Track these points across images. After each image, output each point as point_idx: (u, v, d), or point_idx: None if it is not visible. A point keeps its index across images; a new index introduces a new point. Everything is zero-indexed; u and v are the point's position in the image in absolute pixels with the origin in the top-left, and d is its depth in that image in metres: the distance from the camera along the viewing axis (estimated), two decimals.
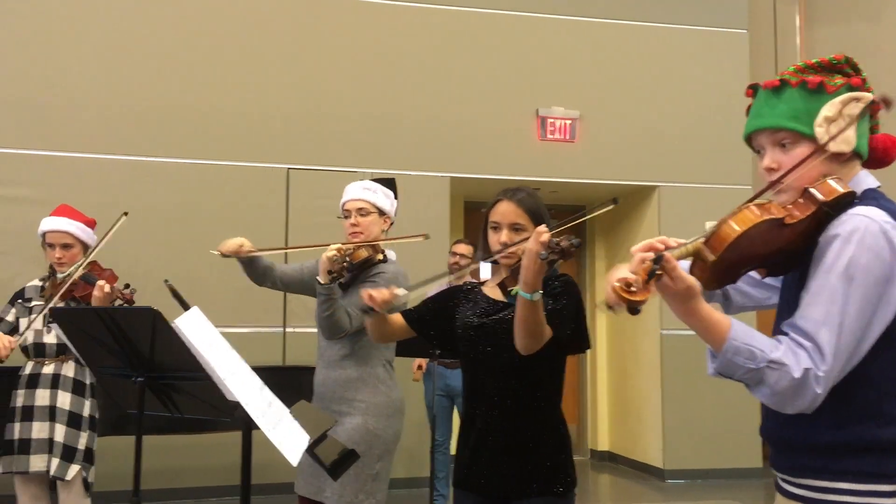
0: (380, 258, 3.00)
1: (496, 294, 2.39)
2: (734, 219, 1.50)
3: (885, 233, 1.49)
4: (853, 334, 1.47)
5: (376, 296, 2.22)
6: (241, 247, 3.17)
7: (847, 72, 1.64)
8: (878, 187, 1.63)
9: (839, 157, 1.61)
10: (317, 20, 6.44)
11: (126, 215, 3.60)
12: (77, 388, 3.63)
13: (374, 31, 6.54)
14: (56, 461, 3.51)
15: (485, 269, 2.33)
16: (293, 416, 1.89)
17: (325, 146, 6.30)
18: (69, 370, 3.63)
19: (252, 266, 3.22)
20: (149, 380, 2.36)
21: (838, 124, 1.58)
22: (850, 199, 1.55)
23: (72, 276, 3.57)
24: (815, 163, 1.59)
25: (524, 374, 2.28)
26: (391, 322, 2.44)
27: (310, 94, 6.34)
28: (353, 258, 2.89)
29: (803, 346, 1.47)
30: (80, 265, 3.61)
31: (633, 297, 1.39)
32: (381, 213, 3.05)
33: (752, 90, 1.71)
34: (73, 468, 3.54)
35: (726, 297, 1.92)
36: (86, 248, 3.73)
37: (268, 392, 1.87)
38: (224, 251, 3.18)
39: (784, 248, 1.56)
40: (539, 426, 2.29)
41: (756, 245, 1.52)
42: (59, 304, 3.53)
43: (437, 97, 6.57)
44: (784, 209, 1.55)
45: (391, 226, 3.14)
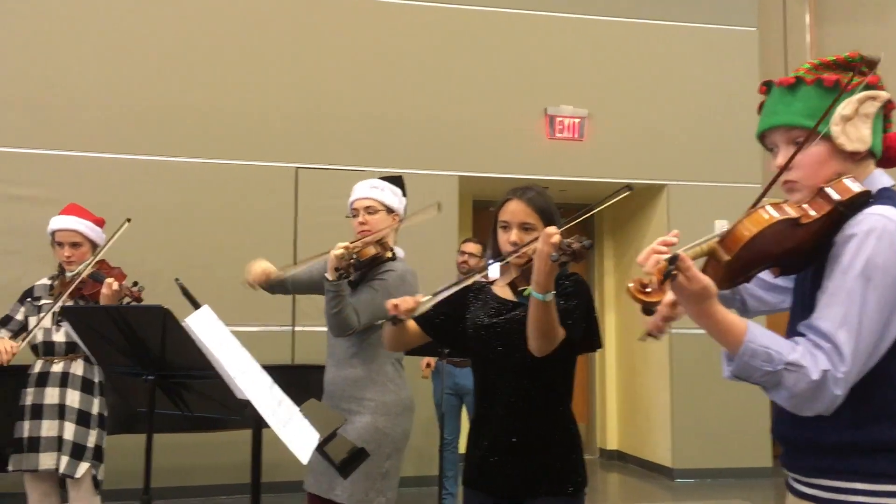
0: (388, 256, 3.00)
1: (506, 294, 2.38)
2: (749, 219, 1.49)
3: None
4: (872, 335, 1.45)
5: (400, 304, 2.21)
6: (268, 274, 3.15)
7: (863, 70, 1.62)
8: (893, 186, 1.61)
9: (854, 157, 1.59)
10: (326, 19, 6.45)
11: (129, 221, 3.62)
12: (86, 387, 3.65)
13: (383, 31, 6.54)
14: (66, 459, 3.52)
15: (494, 269, 2.32)
16: (303, 415, 1.89)
17: (334, 145, 6.31)
18: (78, 368, 3.65)
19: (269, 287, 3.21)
20: (159, 378, 2.36)
21: (854, 123, 1.57)
22: (866, 199, 1.54)
23: (80, 275, 3.58)
24: (830, 162, 1.58)
25: (535, 373, 2.27)
26: (409, 329, 2.43)
27: (318, 93, 6.35)
28: (360, 255, 2.88)
29: (821, 347, 1.45)
30: (88, 264, 3.63)
31: (649, 298, 1.38)
32: (390, 210, 3.05)
33: (766, 87, 1.70)
34: (83, 466, 3.56)
35: (743, 304, 1.91)
36: (94, 246, 3.75)
37: (278, 390, 1.87)
38: (252, 282, 3.15)
39: (798, 247, 1.55)
40: (550, 426, 2.28)
41: (771, 244, 1.51)
42: (68, 303, 3.55)
43: (446, 96, 6.57)
44: (799, 208, 1.54)
45: (400, 223, 3.15)
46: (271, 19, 6.37)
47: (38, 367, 3.66)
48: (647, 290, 1.39)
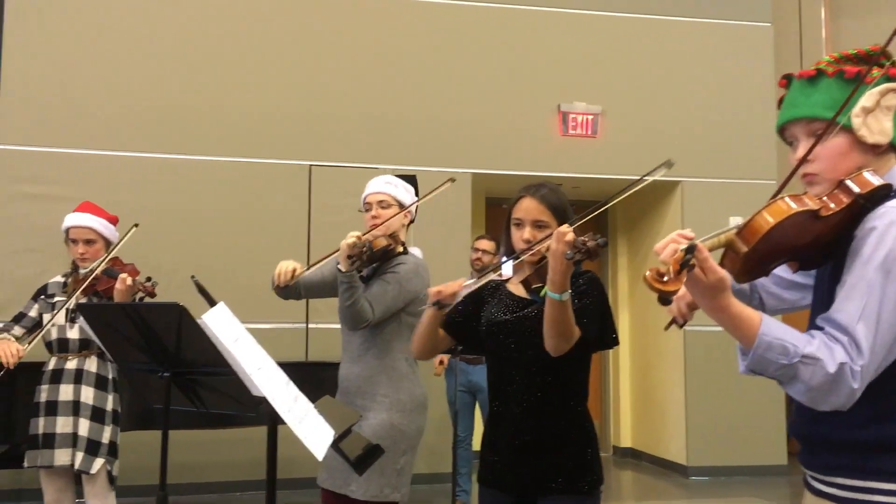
0: (399, 250, 3.01)
1: (520, 291, 2.38)
2: (768, 210, 1.47)
3: None
4: (891, 328, 1.43)
5: (443, 289, 2.18)
6: (294, 272, 3.07)
7: (883, 63, 1.60)
8: None
9: (875, 150, 1.58)
10: (340, 17, 6.46)
11: (136, 226, 3.63)
12: (100, 383, 3.67)
13: (396, 29, 6.54)
14: (80, 455, 3.55)
15: (507, 267, 2.31)
16: (318, 411, 1.90)
17: (348, 143, 6.32)
18: (92, 365, 3.67)
19: (285, 289, 3.14)
20: (174, 375, 2.37)
21: (875, 115, 1.55)
22: (887, 192, 1.52)
23: (94, 272, 3.61)
24: (851, 154, 1.56)
25: (549, 371, 2.26)
26: (439, 333, 2.41)
27: (332, 90, 6.36)
28: (373, 245, 2.89)
29: (839, 340, 1.43)
30: (102, 261, 3.66)
31: (665, 287, 1.37)
32: (402, 207, 3.06)
33: (787, 80, 1.68)
34: (98, 462, 3.58)
35: (761, 301, 1.89)
36: (108, 244, 3.78)
37: (293, 387, 1.88)
38: (282, 283, 3.07)
39: (817, 240, 1.53)
40: (565, 423, 2.28)
41: (789, 237, 1.49)
42: (82, 299, 3.58)
43: (459, 93, 6.56)
44: (819, 201, 1.52)
45: (412, 221, 3.16)
46: (285, 17, 6.38)
47: (52, 363, 3.68)
48: (664, 279, 1.38)
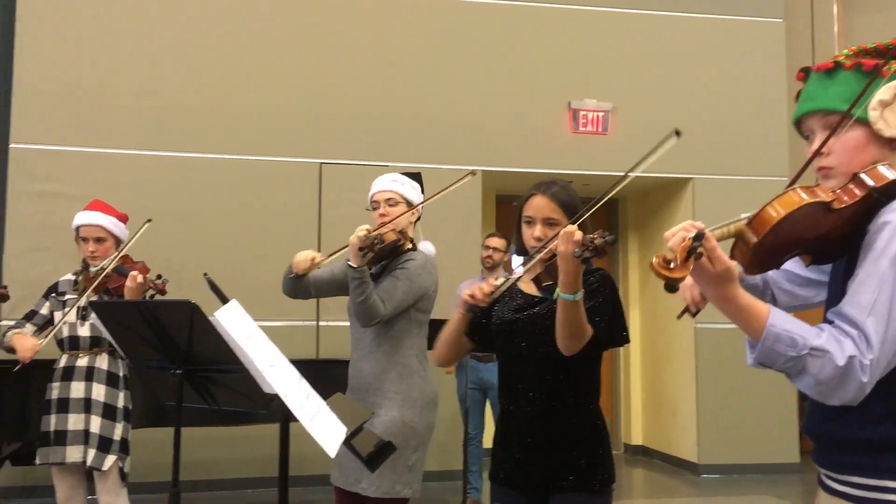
0: (408, 247, 3.02)
1: (531, 289, 2.37)
2: (779, 200, 1.46)
3: None
4: None
5: (476, 292, 2.15)
6: (314, 260, 3.06)
7: None
8: None
9: (892, 144, 1.56)
10: (351, 15, 6.46)
11: (150, 222, 3.66)
12: (111, 380, 3.69)
13: (407, 26, 6.54)
14: (92, 452, 3.57)
15: (517, 264, 2.30)
16: (329, 408, 1.90)
17: (358, 141, 6.32)
18: (103, 362, 3.69)
19: (301, 280, 3.14)
20: (187, 372, 2.38)
21: (893, 108, 1.54)
22: None
23: (105, 270, 3.63)
24: (868, 148, 1.55)
25: (561, 369, 2.26)
26: (464, 338, 2.40)
27: (342, 89, 6.37)
28: (384, 238, 2.90)
29: (848, 333, 1.42)
30: (112, 259, 3.68)
31: (672, 274, 1.36)
32: (409, 204, 3.07)
33: (804, 73, 1.67)
34: (110, 458, 3.60)
35: (773, 299, 1.87)
36: (118, 242, 3.80)
37: (305, 384, 1.88)
38: (301, 272, 3.05)
39: (830, 233, 1.52)
40: (576, 421, 2.27)
41: (801, 229, 1.48)
42: (93, 297, 3.60)
43: (470, 91, 6.56)
44: (832, 193, 1.50)
45: (419, 219, 3.16)
46: (296, 16, 6.39)
47: (63, 361, 3.70)
48: (671, 265, 1.37)
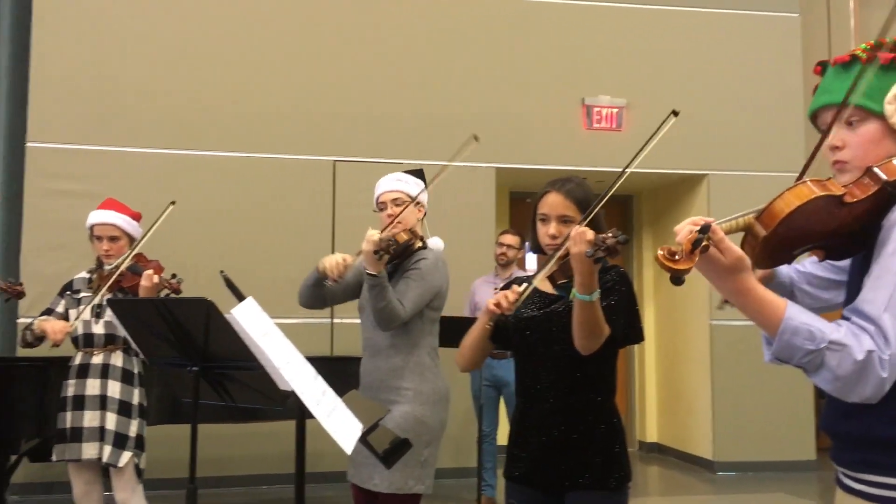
0: (419, 245, 3.02)
1: (546, 287, 2.37)
2: (788, 193, 1.45)
3: None
4: None
5: (501, 301, 2.14)
6: (345, 261, 2.97)
7: None
8: None
9: None
10: (365, 12, 6.47)
11: (174, 204, 3.68)
12: (126, 377, 3.71)
13: (421, 23, 6.54)
14: (108, 449, 3.59)
15: (531, 262, 2.30)
16: (345, 405, 1.91)
17: (371, 138, 6.33)
18: (118, 360, 3.71)
19: (323, 288, 3.12)
20: (203, 369, 2.40)
21: None
22: None
23: (119, 268, 3.65)
24: (884, 142, 1.53)
25: (577, 367, 2.26)
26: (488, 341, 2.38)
27: (355, 86, 6.37)
28: (396, 239, 2.91)
29: (866, 329, 1.40)
30: (127, 256, 3.70)
31: (676, 266, 1.37)
32: (416, 202, 3.08)
33: (822, 67, 1.66)
34: (126, 455, 3.62)
35: (795, 300, 1.86)
36: (132, 240, 3.82)
37: (321, 381, 1.89)
38: (338, 277, 2.96)
39: (842, 228, 1.50)
40: (592, 419, 2.27)
41: (811, 223, 1.47)
42: (107, 296, 3.62)
43: (483, 88, 6.55)
44: (844, 187, 1.49)
45: (425, 215, 3.18)
46: (310, 14, 6.40)
47: (78, 358, 3.72)
48: (675, 257, 1.37)
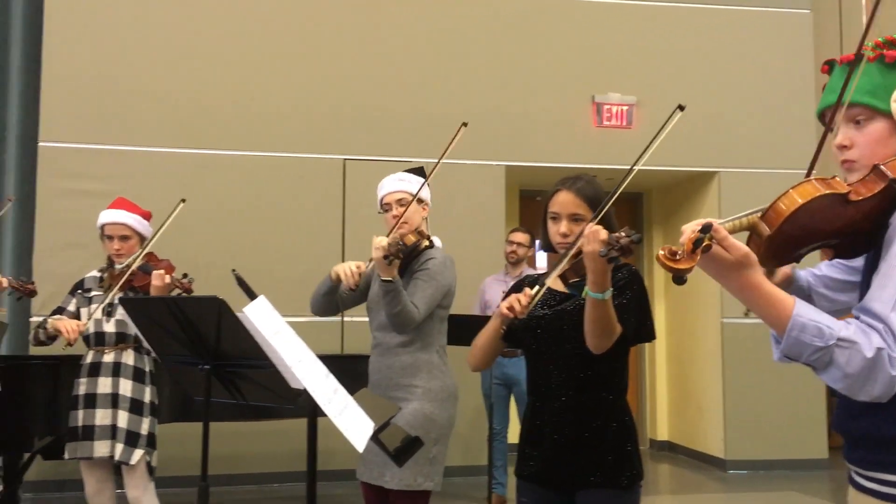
0: (426, 245, 3.03)
1: (558, 285, 2.37)
2: (793, 191, 1.45)
3: None
4: None
5: (514, 304, 2.14)
6: (359, 268, 2.99)
7: None
8: None
9: None
10: (375, 10, 6.47)
11: (184, 202, 3.69)
12: (137, 376, 3.73)
13: (430, 21, 6.54)
14: (120, 447, 3.61)
15: (541, 259, 2.30)
16: (357, 404, 1.92)
17: (382, 137, 6.34)
18: (129, 358, 3.73)
19: (334, 293, 3.13)
20: (214, 368, 2.41)
21: None
22: None
23: (130, 267, 3.67)
24: (891, 141, 1.53)
25: (587, 365, 2.26)
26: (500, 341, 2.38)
27: (366, 84, 6.38)
28: (406, 241, 2.92)
29: (874, 327, 1.40)
30: (138, 255, 3.72)
31: (677, 266, 1.37)
32: (419, 200, 3.09)
33: (829, 66, 1.66)
34: (138, 453, 3.64)
35: (810, 303, 1.86)
36: (142, 239, 3.84)
37: (333, 379, 1.90)
38: (354, 285, 2.99)
39: (849, 227, 1.49)
40: (603, 417, 2.27)
41: (816, 221, 1.46)
42: (118, 295, 3.64)
43: (492, 85, 6.54)
44: (849, 185, 1.49)
45: (428, 212, 3.19)
46: (320, 12, 6.41)
47: (89, 357, 3.75)
48: (676, 257, 1.38)
